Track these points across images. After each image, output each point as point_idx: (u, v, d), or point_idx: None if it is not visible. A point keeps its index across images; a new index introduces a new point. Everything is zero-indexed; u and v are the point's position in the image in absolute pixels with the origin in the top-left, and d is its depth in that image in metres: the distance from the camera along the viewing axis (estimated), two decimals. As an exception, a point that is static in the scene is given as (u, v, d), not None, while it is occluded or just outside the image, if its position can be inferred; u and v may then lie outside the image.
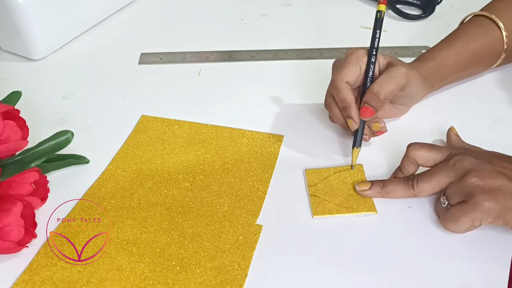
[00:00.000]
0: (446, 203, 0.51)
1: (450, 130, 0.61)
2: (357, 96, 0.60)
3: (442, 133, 0.62)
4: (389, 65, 0.60)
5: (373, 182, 0.55)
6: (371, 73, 0.59)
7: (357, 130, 0.58)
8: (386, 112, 0.63)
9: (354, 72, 0.58)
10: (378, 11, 0.61)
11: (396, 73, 0.58)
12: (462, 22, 0.69)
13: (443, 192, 0.52)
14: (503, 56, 0.66)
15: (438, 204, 0.53)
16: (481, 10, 0.67)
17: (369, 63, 0.59)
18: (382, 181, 0.55)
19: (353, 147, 0.58)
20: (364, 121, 0.58)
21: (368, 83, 0.59)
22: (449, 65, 0.64)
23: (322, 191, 0.56)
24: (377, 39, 0.60)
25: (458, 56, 0.64)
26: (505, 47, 0.65)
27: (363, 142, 0.59)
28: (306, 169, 0.59)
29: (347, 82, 0.58)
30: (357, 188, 0.55)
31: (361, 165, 0.59)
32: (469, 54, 0.64)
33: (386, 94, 0.57)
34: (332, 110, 0.60)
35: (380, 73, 0.59)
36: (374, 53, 0.59)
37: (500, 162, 0.50)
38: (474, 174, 0.49)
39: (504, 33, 0.64)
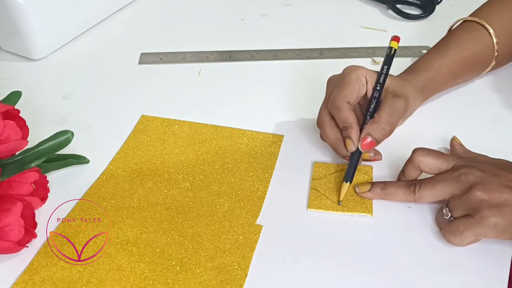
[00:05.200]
0: (449, 215, 0.50)
1: (453, 140, 0.59)
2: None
3: (442, 133, 0.62)
4: (388, 93, 0.57)
5: (373, 184, 0.55)
6: (372, 108, 0.57)
7: (351, 163, 0.55)
8: None
9: (355, 93, 0.56)
10: (389, 47, 0.59)
11: (400, 105, 0.56)
12: (451, 28, 0.67)
13: (445, 203, 0.51)
14: (493, 63, 0.65)
15: (439, 215, 0.52)
16: (471, 15, 0.66)
17: (372, 97, 0.57)
18: (383, 182, 0.55)
19: (344, 181, 0.55)
20: (360, 154, 0.56)
21: (368, 116, 0.57)
22: (444, 75, 0.63)
23: (324, 186, 0.56)
24: (383, 75, 0.57)
25: (452, 65, 0.63)
26: (496, 54, 0.64)
27: None
28: (315, 162, 0.59)
29: (348, 102, 0.56)
30: (357, 190, 0.55)
31: (370, 167, 0.58)
32: (462, 62, 0.63)
33: (391, 128, 0.56)
34: (326, 128, 0.57)
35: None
36: (378, 88, 0.57)
37: (506, 175, 0.49)
38: (479, 187, 0.48)
39: (494, 40, 0.64)
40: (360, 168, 0.58)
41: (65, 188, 0.58)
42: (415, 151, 0.54)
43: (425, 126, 0.64)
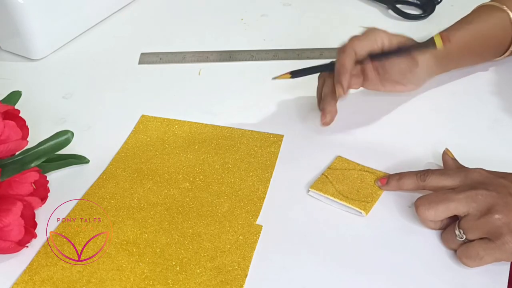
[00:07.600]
0: (464, 237, 0.48)
1: (446, 154, 0.56)
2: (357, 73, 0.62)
3: (441, 134, 0.62)
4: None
5: (389, 176, 0.55)
6: None
7: (311, 68, 0.63)
8: (394, 87, 0.63)
9: (365, 47, 0.59)
10: (434, 42, 0.60)
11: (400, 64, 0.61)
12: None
13: (456, 223, 0.49)
14: (511, 48, 0.66)
15: (449, 235, 0.50)
16: (492, 0, 0.67)
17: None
18: (398, 174, 0.55)
19: (290, 73, 0.63)
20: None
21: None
22: (463, 48, 0.64)
23: (335, 176, 0.57)
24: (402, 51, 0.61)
25: (470, 38, 0.64)
26: None
27: None
28: (339, 155, 0.59)
29: (355, 52, 0.59)
30: (376, 184, 0.55)
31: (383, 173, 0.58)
32: (481, 39, 0.65)
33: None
34: (322, 78, 0.63)
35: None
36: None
37: None
38: (499, 209, 0.46)
39: None
40: (368, 170, 0.58)
41: (65, 188, 0.58)
42: (417, 205, 0.51)
43: (425, 127, 0.64)
